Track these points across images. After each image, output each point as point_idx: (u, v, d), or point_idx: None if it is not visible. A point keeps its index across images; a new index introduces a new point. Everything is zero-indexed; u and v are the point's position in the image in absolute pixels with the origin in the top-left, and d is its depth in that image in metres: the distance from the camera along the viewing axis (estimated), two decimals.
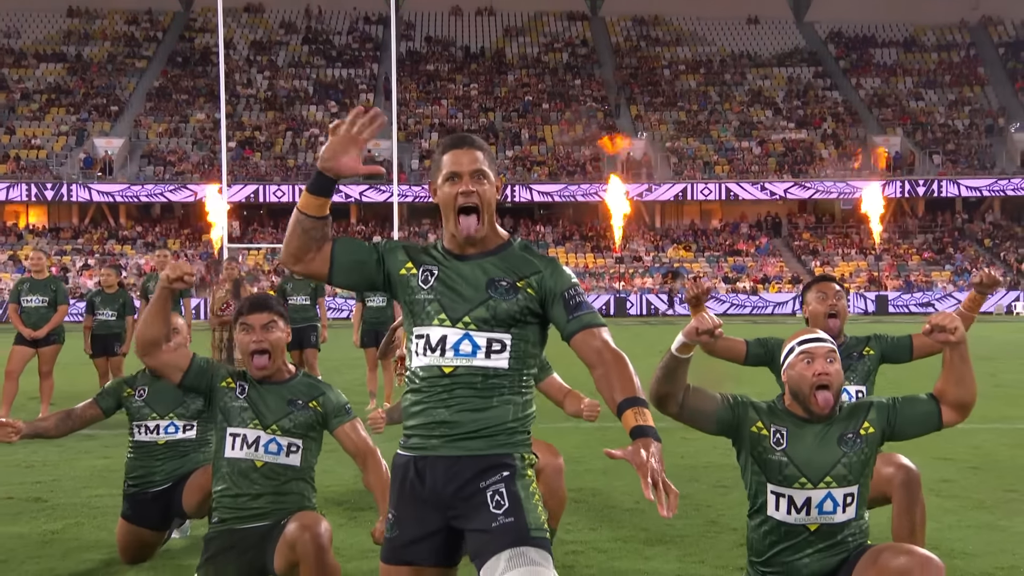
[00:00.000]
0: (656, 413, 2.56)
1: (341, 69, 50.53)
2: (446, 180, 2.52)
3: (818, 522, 2.82)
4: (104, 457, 7.26)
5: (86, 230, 42.54)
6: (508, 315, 2.46)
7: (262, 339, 3.49)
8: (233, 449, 3.50)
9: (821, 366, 2.82)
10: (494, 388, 2.47)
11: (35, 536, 5.02)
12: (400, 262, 2.56)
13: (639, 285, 39.48)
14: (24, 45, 49.60)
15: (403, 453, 2.54)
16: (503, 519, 2.39)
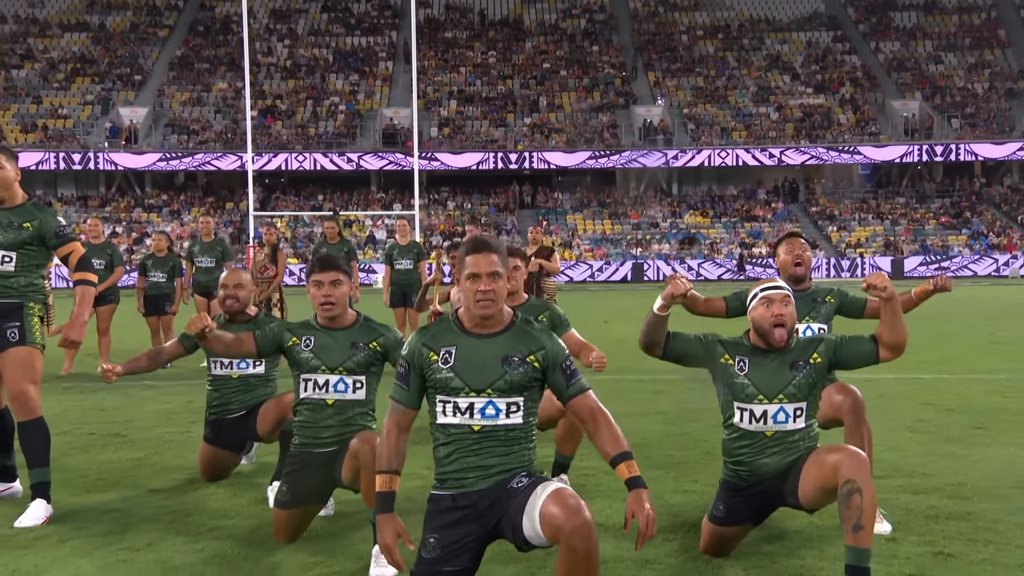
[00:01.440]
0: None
1: (360, 37, 50.99)
2: (468, 278, 3.16)
3: (774, 429, 3.60)
4: (166, 403, 8.13)
5: (113, 198, 43.51)
6: (520, 384, 3.14)
7: (329, 293, 4.24)
8: (306, 391, 4.26)
9: (778, 308, 3.60)
10: (513, 439, 3.16)
11: (124, 461, 5.88)
12: (425, 354, 3.18)
13: (656, 251, 40.09)
14: (48, 15, 50.33)
15: (442, 493, 3.18)
16: (526, 480, 3.10)
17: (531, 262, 10.13)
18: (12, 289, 4.75)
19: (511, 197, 44.77)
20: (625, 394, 8.30)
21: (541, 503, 2.93)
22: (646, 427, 6.79)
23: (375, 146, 43.26)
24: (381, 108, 45.62)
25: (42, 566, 3.88)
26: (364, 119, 45.12)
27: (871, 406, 7.35)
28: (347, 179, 44.32)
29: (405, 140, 42.56)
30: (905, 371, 9.82)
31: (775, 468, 3.62)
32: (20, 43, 48.18)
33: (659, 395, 8.37)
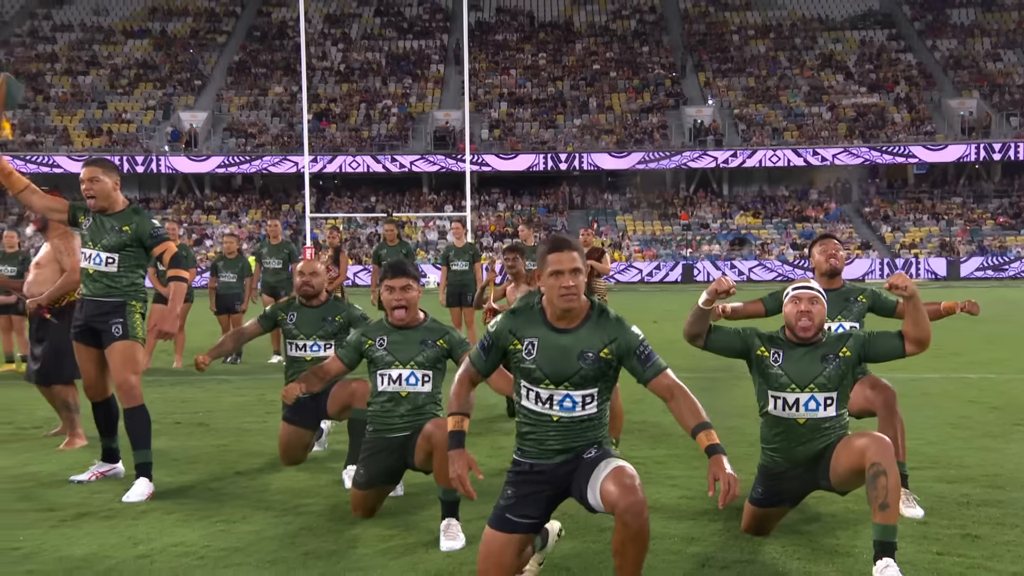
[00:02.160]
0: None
1: (412, 41, 51.73)
2: (551, 275, 3.43)
3: (805, 417, 3.94)
4: (241, 396, 8.67)
5: (173, 200, 44.77)
6: (594, 377, 3.47)
7: (401, 298, 4.69)
8: (382, 385, 4.71)
9: (805, 305, 3.95)
10: (587, 427, 3.51)
11: (210, 447, 6.39)
12: (510, 340, 3.52)
13: (706, 252, 40.12)
14: (112, 23, 51.91)
15: (521, 460, 3.55)
16: (595, 452, 3.47)
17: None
18: (116, 288, 5.26)
19: (561, 198, 45.11)
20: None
21: (602, 479, 3.27)
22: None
23: (427, 148, 43.90)
24: (433, 111, 46.27)
25: (152, 534, 4.37)
26: (416, 122, 45.82)
27: (915, 404, 7.65)
28: (399, 181, 45.05)
29: (456, 142, 43.17)
30: (952, 370, 10.02)
31: (808, 453, 3.96)
32: (86, 50, 49.77)
33: (707, 391, 8.66)
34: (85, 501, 4.98)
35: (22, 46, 50.08)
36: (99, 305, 5.25)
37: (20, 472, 5.66)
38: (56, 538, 4.32)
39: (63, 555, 4.07)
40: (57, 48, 49.89)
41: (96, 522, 4.59)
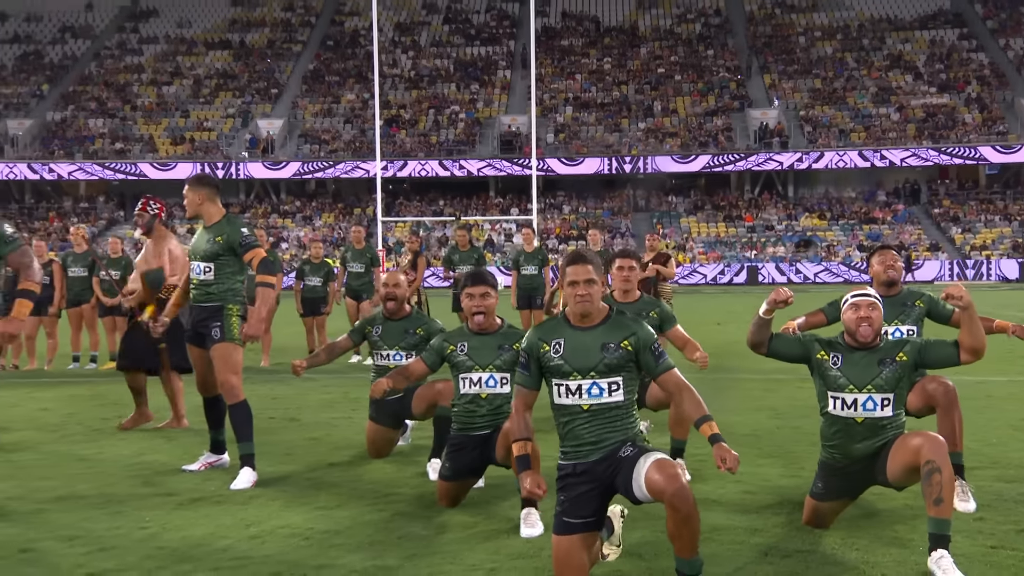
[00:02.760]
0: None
1: (480, 47, 52.29)
2: (569, 284, 3.82)
3: (863, 416, 4.16)
4: (327, 393, 9.12)
5: (251, 205, 46.01)
6: (617, 365, 3.78)
7: (480, 304, 5.03)
8: (464, 387, 5.07)
9: (864, 312, 4.17)
10: (616, 415, 3.80)
11: (303, 440, 6.82)
12: (540, 342, 3.86)
13: (771, 254, 39.78)
14: (195, 34, 53.57)
15: (565, 463, 3.86)
16: (632, 450, 3.74)
17: (648, 267, 10.74)
18: (214, 294, 5.69)
19: (625, 201, 45.18)
20: (739, 391, 8.82)
21: (645, 471, 3.56)
22: (757, 421, 7.32)
23: (493, 153, 44.38)
24: (499, 116, 46.74)
25: (261, 518, 4.77)
26: (483, 126, 46.33)
27: (979, 406, 7.73)
28: (466, 184, 45.61)
29: (522, 146, 43.55)
30: (1018, 373, 10.00)
31: (865, 451, 4.18)
32: (170, 61, 51.46)
33: (770, 392, 8.85)
34: (198, 487, 5.42)
35: (111, 58, 52.03)
36: (202, 310, 5.71)
37: (138, 461, 6.16)
38: (177, 519, 4.76)
39: (185, 534, 4.50)
40: (143, 60, 51.70)
41: (210, 506, 5.02)
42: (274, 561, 4.10)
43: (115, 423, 7.50)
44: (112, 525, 4.64)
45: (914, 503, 4.77)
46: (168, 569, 4.00)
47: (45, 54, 52.61)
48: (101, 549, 4.26)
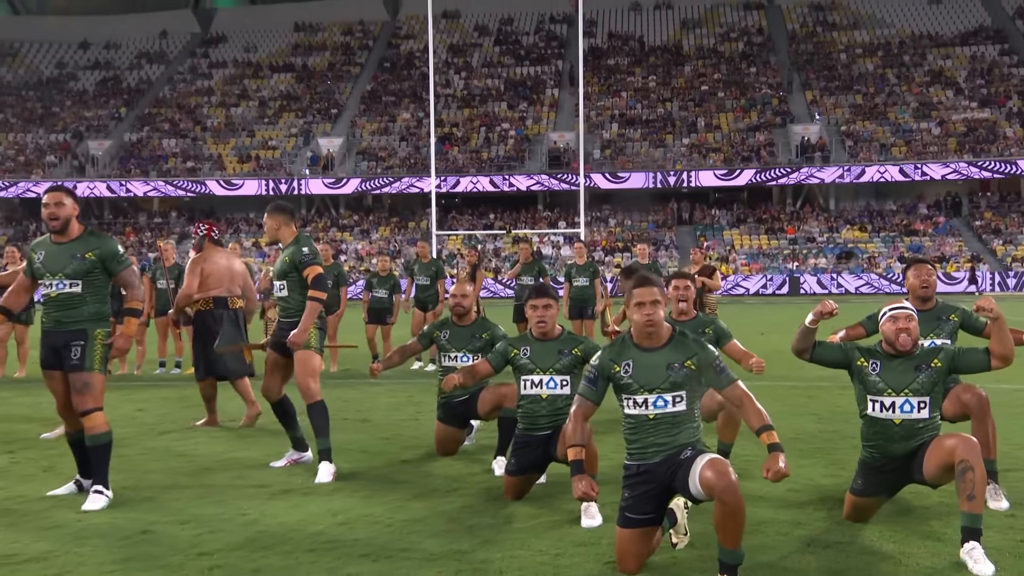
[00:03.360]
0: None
1: (529, 67, 52.74)
2: (636, 306, 4.07)
3: (901, 418, 4.36)
4: (393, 396, 9.48)
5: (312, 219, 46.90)
6: (681, 383, 4.02)
7: (543, 315, 5.34)
8: (526, 389, 5.35)
9: (903, 323, 4.39)
10: (679, 422, 4.05)
11: (376, 440, 7.17)
12: (611, 362, 4.13)
13: (812, 265, 39.49)
14: (260, 58, 54.84)
15: (630, 463, 4.12)
16: (691, 452, 3.99)
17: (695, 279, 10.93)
18: (291, 308, 6.06)
19: (670, 214, 45.17)
20: (782, 398, 8.98)
21: (700, 469, 3.80)
22: (801, 425, 7.51)
23: (542, 168, 44.72)
24: (548, 132, 47.09)
25: (346, 507, 5.11)
26: (532, 143, 46.72)
27: (1016, 412, 7.81)
28: (516, 199, 46.02)
29: (570, 162, 43.84)
30: None
31: (903, 451, 4.39)
32: (237, 84, 52.74)
33: (812, 399, 9.00)
34: (286, 481, 5.79)
35: (183, 82, 53.49)
36: (288, 325, 6.07)
37: (229, 456, 6.55)
38: (271, 508, 5.12)
39: (280, 521, 4.85)
40: (213, 83, 53.05)
41: (299, 497, 5.38)
42: (362, 544, 4.43)
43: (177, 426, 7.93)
44: (216, 512, 5.02)
45: (949, 501, 4.95)
46: (271, 549, 4.35)
47: (123, 79, 54.27)
48: (210, 531, 4.63)
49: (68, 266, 5.36)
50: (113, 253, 5.45)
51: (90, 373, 5.30)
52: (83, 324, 5.35)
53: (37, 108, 51.46)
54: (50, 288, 5.39)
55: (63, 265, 5.37)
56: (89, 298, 5.39)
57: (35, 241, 5.68)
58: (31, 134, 49.45)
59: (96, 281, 5.42)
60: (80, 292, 5.36)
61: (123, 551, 4.36)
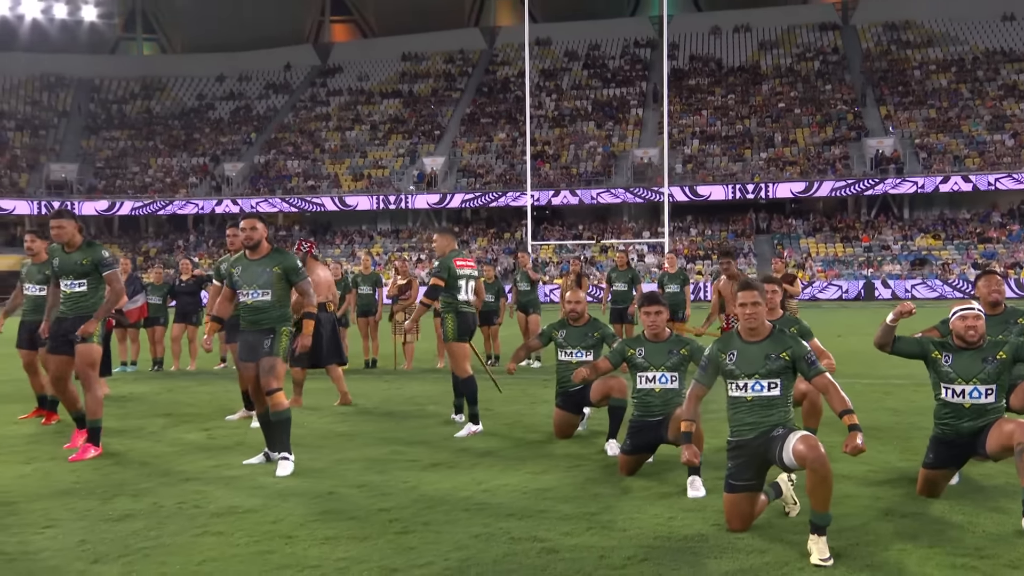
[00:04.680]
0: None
1: (615, 88, 52.97)
2: (740, 306, 4.55)
3: (970, 402, 4.72)
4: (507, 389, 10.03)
5: (417, 231, 48.20)
6: (776, 371, 4.46)
7: (654, 320, 5.82)
8: (641, 383, 5.83)
9: (971, 321, 4.77)
10: (773, 404, 4.49)
11: (500, 425, 7.73)
12: (719, 353, 4.60)
13: (887, 271, 38.58)
14: (371, 86, 56.63)
15: (732, 438, 4.56)
16: (782, 431, 4.43)
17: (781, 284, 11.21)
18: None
19: (748, 224, 44.74)
20: (860, 394, 9.19)
21: (793, 443, 4.23)
22: (878, 417, 7.77)
23: (627, 182, 44.90)
24: (632, 149, 47.24)
25: (487, 478, 5.68)
26: (618, 159, 46.95)
27: None
28: (603, 211, 46.31)
29: (653, 176, 43.91)
30: None
31: (971, 429, 4.75)
32: (351, 110, 54.60)
33: (888, 395, 9.20)
34: (432, 456, 6.42)
35: (305, 109, 55.67)
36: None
37: (385, 436, 7.23)
38: (427, 477, 5.75)
39: (436, 487, 5.47)
40: (330, 109, 55.05)
41: (445, 469, 5.99)
42: (506, 507, 5.00)
43: (345, 408, 8.67)
44: (383, 479, 5.68)
45: (1014, 482, 5.24)
46: (433, 508, 4.97)
47: (253, 108, 56.83)
48: (381, 494, 5.29)
49: (260, 278, 6.09)
50: (294, 267, 6.15)
51: (276, 358, 6.01)
52: (272, 324, 6.07)
53: (181, 135, 54.36)
54: (247, 297, 6.09)
55: (256, 278, 6.09)
56: (276, 303, 6.10)
57: (234, 258, 6.44)
58: (176, 158, 52.29)
59: (281, 290, 6.14)
60: (270, 299, 6.07)
61: (317, 506, 5.04)
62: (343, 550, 4.23)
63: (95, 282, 6.60)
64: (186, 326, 12.50)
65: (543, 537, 4.40)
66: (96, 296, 6.62)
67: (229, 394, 9.74)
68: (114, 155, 52.91)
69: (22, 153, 51.92)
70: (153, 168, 51.44)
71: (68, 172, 50.10)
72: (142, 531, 4.58)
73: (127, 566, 4.04)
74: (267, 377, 5.97)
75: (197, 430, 7.62)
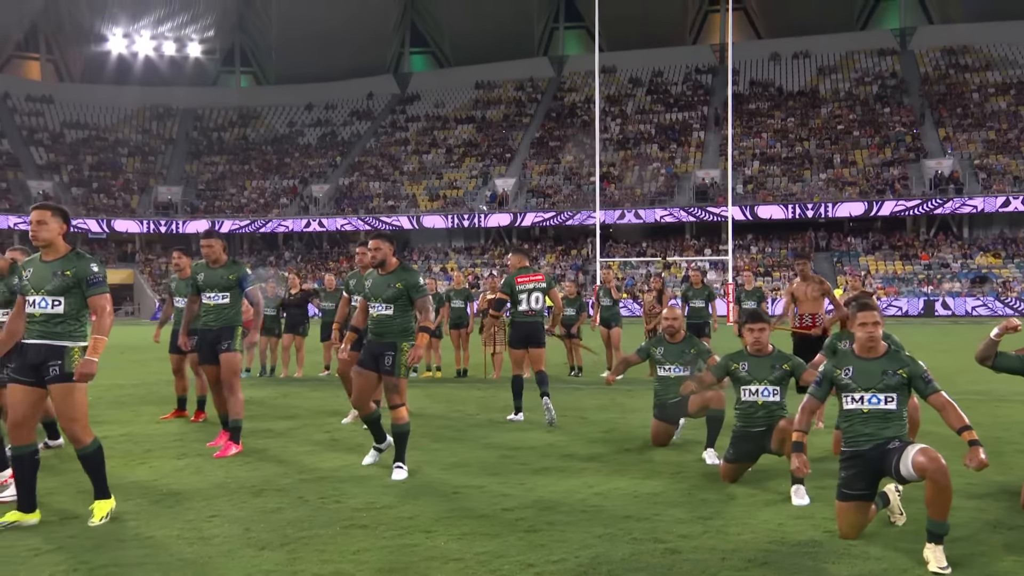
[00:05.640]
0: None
1: (677, 113, 52.64)
2: (859, 325, 4.53)
3: None
4: (596, 399, 10.09)
5: (489, 248, 48.59)
6: (892, 387, 4.44)
7: (758, 337, 5.82)
8: (744, 396, 5.79)
9: None
10: (888, 417, 4.47)
11: (599, 433, 7.80)
12: (834, 368, 4.60)
13: (947, 289, 37.34)
14: (447, 112, 57.47)
15: (845, 449, 4.53)
16: (898, 443, 4.40)
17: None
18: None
19: (807, 242, 43.84)
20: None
21: (912, 455, 4.20)
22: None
23: (689, 202, 44.52)
24: (694, 170, 46.83)
25: (596, 482, 5.75)
26: (680, 180, 46.58)
27: None
28: (666, 230, 45.98)
29: (714, 196, 43.43)
30: None
31: None
32: (429, 135, 55.49)
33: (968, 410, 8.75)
34: (539, 460, 6.52)
35: (385, 134, 56.81)
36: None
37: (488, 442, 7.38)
38: (540, 480, 5.83)
39: (551, 489, 5.56)
40: (409, 134, 56.04)
41: (556, 472, 6.08)
42: (620, 508, 5.07)
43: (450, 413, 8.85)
44: (500, 481, 5.79)
45: None
46: (552, 509, 5.05)
47: (338, 133, 58.23)
48: (502, 494, 5.40)
49: (386, 292, 6.25)
50: (416, 284, 6.26)
51: (398, 380, 6.12)
52: (394, 338, 6.16)
53: (273, 159, 56.01)
54: (374, 310, 6.23)
55: (383, 291, 6.25)
56: (399, 318, 6.21)
57: (367, 272, 6.57)
58: (268, 181, 53.87)
59: (404, 304, 6.23)
60: (392, 314, 6.19)
61: (446, 504, 5.19)
62: (480, 545, 4.36)
63: (237, 296, 6.91)
64: (294, 336, 12.89)
65: (663, 538, 4.46)
66: (236, 309, 6.93)
67: (338, 400, 10.03)
68: (214, 178, 54.80)
69: (134, 177, 54.20)
70: (248, 190, 53.09)
71: (174, 194, 52.09)
72: (295, 522, 4.79)
73: (291, 553, 4.25)
74: (392, 394, 6.07)
75: (319, 432, 7.88)
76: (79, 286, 4.55)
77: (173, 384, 8.67)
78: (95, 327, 4.51)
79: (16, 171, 51.01)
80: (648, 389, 10.51)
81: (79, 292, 4.56)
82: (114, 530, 4.65)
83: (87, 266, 4.58)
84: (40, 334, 4.56)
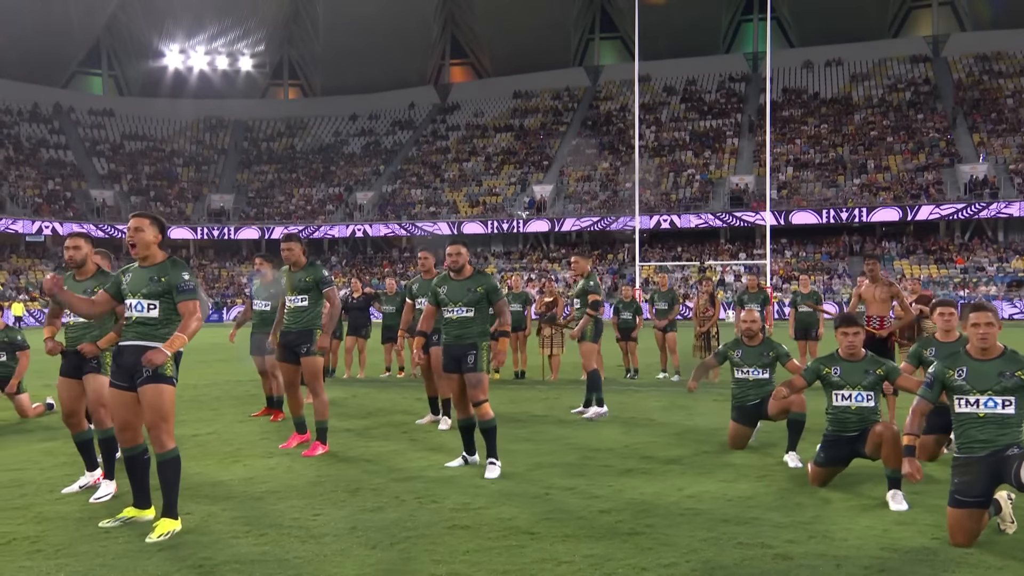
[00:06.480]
0: None
1: (711, 120, 52.08)
2: (972, 326, 4.32)
3: None
4: (657, 401, 9.90)
5: (527, 253, 48.46)
6: (1010, 389, 4.20)
7: (852, 341, 5.58)
8: (837, 401, 5.55)
9: None
10: (1006, 423, 4.21)
11: (669, 434, 7.62)
12: (946, 369, 4.38)
13: (983, 292, 36.36)
14: (486, 121, 57.51)
15: (959, 455, 4.31)
16: (1018, 451, 4.16)
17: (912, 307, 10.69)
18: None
19: (841, 246, 43.06)
20: None
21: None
22: None
23: (724, 207, 43.97)
24: (728, 176, 46.25)
25: (685, 484, 5.59)
26: (714, 185, 46.04)
27: None
28: (701, 234, 45.46)
29: (748, 201, 42.84)
30: None
31: None
32: (468, 143, 55.56)
33: None
34: (623, 463, 6.37)
35: (427, 143, 57.00)
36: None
37: (568, 442, 7.24)
38: (630, 482, 5.68)
39: (641, 491, 5.41)
40: (449, 143, 56.17)
41: (640, 475, 5.93)
42: (718, 513, 4.89)
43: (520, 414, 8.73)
44: (588, 483, 5.65)
45: None
46: (649, 513, 4.90)
47: (382, 142, 58.57)
48: (593, 496, 5.26)
49: (465, 297, 6.14)
50: (494, 288, 6.16)
51: (480, 373, 6.06)
52: (474, 339, 6.09)
53: (319, 168, 56.50)
54: (451, 313, 6.07)
55: (462, 296, 6.13)
56: (477, 320, 6.10)
57: (434, 277, 6.50)
58: (315, 188, 54.35)
59: (484, 308, 6.15)
60: (472, 316, 6.09)
61: (539, 506, 5.06)
62: (586, 548, 4.23)
63: (315, 297, 6.85)
64: (356, 338, 12.88)
65: (770, 544, 4.29)
66: (315, 311, 6.85)
67: (406, 400, 9.97)
68: (263, 186, 55.43)
69: (188, 186, 55.04)
70: (296, 197, 53.60)
71: (225, 202, 52.76)
72: (399, 521, 4.70)
73: (403, 552, 4.15)
74: (474, 390, 5.99)
75: (397, 433, 7.80)
76: (171, 292, 4.57)
77: (255, 384, 8.66)
78: (180, 326, 4.54)
79: (80, 181, 52.12)
80: (708, 391, 10.34)
81: (171, 298, 4.57)
82: (225, 528, 4.60)
83: (179, 273, 4.60)
84: (136, 335, 4.57)
